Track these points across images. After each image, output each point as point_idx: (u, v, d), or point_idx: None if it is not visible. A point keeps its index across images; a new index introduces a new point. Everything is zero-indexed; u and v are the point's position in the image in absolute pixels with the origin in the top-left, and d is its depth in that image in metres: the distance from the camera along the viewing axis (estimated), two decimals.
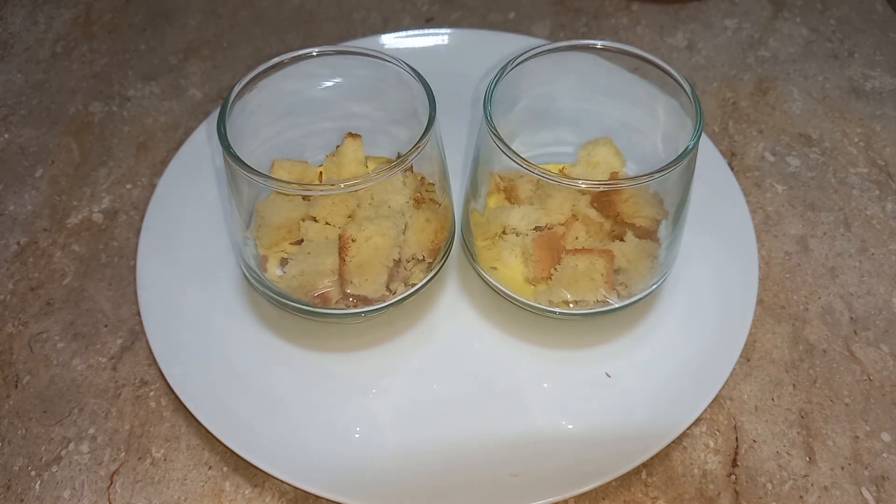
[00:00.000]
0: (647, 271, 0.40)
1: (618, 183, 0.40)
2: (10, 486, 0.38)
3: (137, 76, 0.60)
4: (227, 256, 0.46)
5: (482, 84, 0.55)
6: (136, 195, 0.51)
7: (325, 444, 0.38)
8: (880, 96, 0.58)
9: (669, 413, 0.39)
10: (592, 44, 0.42)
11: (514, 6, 0.65)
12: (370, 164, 0.44)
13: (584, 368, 0.42)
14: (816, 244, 0.48)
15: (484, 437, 0.39)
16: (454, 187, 0.45)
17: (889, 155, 0.54)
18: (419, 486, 0.37)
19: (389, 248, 0.38)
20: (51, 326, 0.45)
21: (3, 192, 0.52)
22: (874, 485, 0.38)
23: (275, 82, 0.42)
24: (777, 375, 0.42)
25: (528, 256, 0.40)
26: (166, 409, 0.41)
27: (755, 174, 0.52)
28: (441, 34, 0.59)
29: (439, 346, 0.43)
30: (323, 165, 0.44)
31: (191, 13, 0.66)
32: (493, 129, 0.38)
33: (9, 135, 0.56)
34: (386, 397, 0.41)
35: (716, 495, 0.38)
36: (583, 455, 0.38)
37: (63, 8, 0.66)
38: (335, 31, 0.64)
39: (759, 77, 0.59)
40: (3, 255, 0.48)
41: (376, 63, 0.42)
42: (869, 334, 0.44)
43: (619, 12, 0.64)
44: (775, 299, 0.45)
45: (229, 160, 0.37)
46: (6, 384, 0.42)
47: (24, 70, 0.61)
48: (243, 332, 0.43)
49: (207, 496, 0.38)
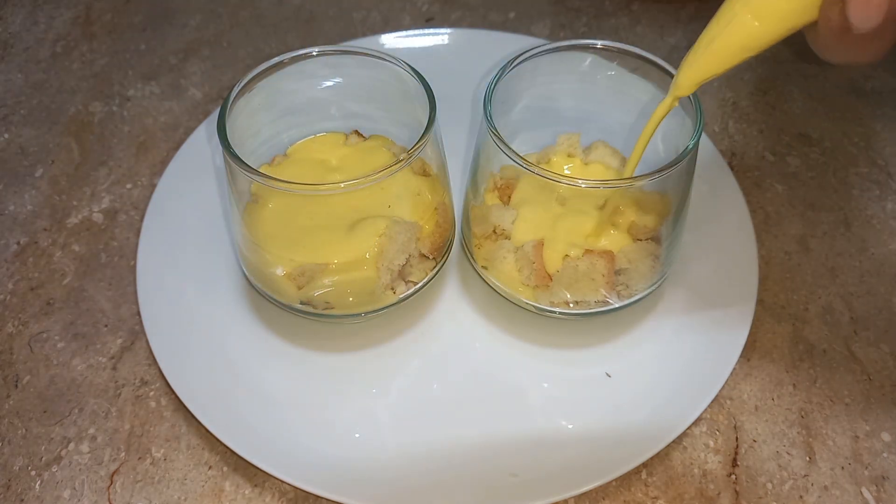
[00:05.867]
0: (649, 271, 0.40)
1: (618, 183, 0.40)
2: (10, 486, 0.38)
3: (137, 76, 0.60)
4: (227, 256, 0.46)
5: (482, 84, 0.55)
6: (136, 195, 0.51)
7: (325, 444, 0.38)
8: (880, 96, 0.58)
9: (669, 413, 0.39)
10: (592, 44, 0.42)
11: (514, 6, 0.65)
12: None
13: (584, 368, 0.42)
14: (816, 244, 0.48)
15: (484, 437, 0.39)
16: (454, 187, 0.45)
17: (889, 155, 0.54)
18: (419, 486, 0.37)
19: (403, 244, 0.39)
20: (51, 326, 0.45)
21: (3, 192, 0.52)
22: (874, 485, 0.38)
23: (275, 82, 0.42)
24: (777, 375, 0.42)
25: (523, 264, 0.40)
26: (166, 409, 0.41)
27: (755, 174, 0.52)
28: (441, 34, 0.59)
29: (439, 346, 0.43)
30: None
31: (191, 13, 0.66)
32: (493, 128, 0.38)
33: (9, 135, 0.56)
34: (386, 397, 0.41)
35: (716, 495, 0.38)
36: (583, 455, 0.38)
37: (63, 8, 0.66)
38: (335, 31, 0.64)
39: (759, 77, 0.59)
40: (3, 255, 0.48)
41: (376, 63, 0.42)
42: (869, 334, 0.44)
43: (619, 12, 0.64)
44: (775, 299, 0.45)
45: (229, 160, 0.37)
46: (6, 384, 0.42)
47: (24, 70, 0.61)
48: (243, 332, 0.43)
49: (207, 496, 0.38)
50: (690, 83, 0.34)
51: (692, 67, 0.33)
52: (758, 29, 0.29)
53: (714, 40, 0.31)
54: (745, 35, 0.30)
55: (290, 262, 0.39)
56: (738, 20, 0.30)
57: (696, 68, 0.33)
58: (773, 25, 0.29)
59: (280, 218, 0.40)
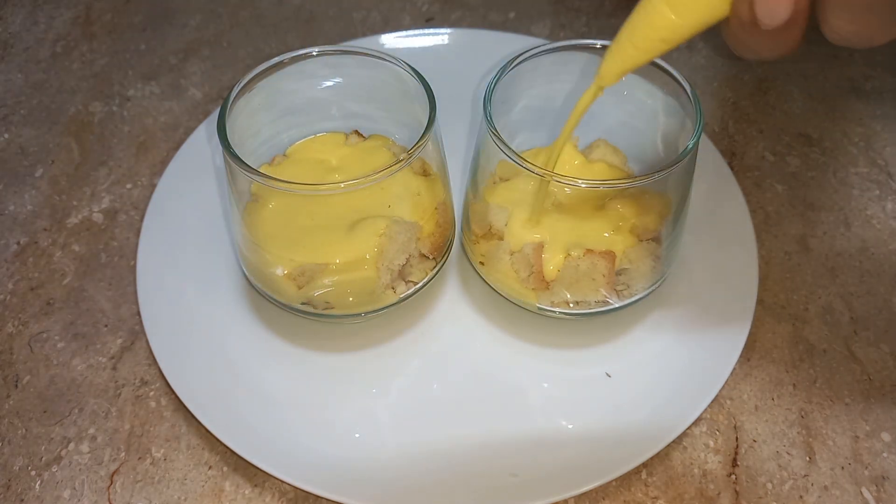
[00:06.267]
0: (649, 271, 0.40)
1: (618, 183, 0.40)
2: (10, 486, 0.38)
3: (137, 76, 0.60)
4: (227, 256, 0.46)
5: (482, 84, 0.55)
6: (136, 195, 0.51)
7: (325, 444, 0.38)
8: (880, 96, 0.58)
9: (669, 413, 0.39)
10: (592, 44, 0.42)
11: (514, 6, 0.65)
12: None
13: (584, 368, 0.42)
14: (816, 244, 0.48)
15: (484, 437, 0.39)
16: (454, 187, 0.45)
17: (889, 155, 0.54)
18: (419, 486, 0.37)
19: (403, 244, 0.39)
20: (51, 326, 0.45)
21: (3, 192, 0.52)
22: (874, 485, 0.38)
23: (275, 82, 0.42)
24: (777, 375, 0.42)
25: (522, 265, 0.40)
26: (166, 409, 0.41)
27: (755, 174, 0.52)
28: (441, 34, 0.59)
29: (439, 346, 0.43)
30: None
31: (191, 13, 0.66)
32: (492, 128, 0.38)
33: (9, 135, 0.56)
34: (386, 397, 0.41)
35: (716, 495, 0.38)
36: (583, 455, 0.38)
37: (63, 8, 0.66)
38: (335, 31, 0.63)
39: (759, 77, 0.59)
40: (3, 255, 0.48)
41: (376, 63, 0.42)
42: (869, 334, 0.44)
43: (619, 12, 0.64)
44: (775, 299, 0.45)
45: (229, 160, 0.37)
46: (6, 384, 0.42)
47: (24, 70, 0.61)
48: (243, 332, 0.43)
49: (207, 496, 0.38)
50: (614, 73, 0.34)
51: (615, 58, 0.33)
52: (674, 22, 0.30)
53: (634, 32, 0.32)
54: (663, 27, 0.31)
55: (290, 262, 0.39)
56: (656, 13, 0.30)
57: (618, 59, 0.33)
58: (689, 19, 0.30)
59: (280, 218, 0.40)
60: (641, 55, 0.32)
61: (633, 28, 0.32)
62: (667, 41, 0.31)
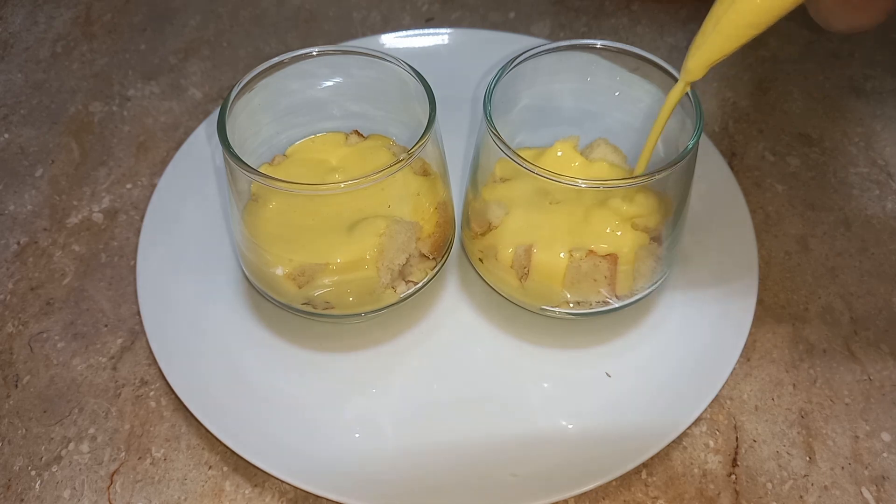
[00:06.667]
0: (650, 272, 0.40)
1: (618, 183, 0.40)
2: (10, 486, 0.38)
3: (137, 76, 0.60)
4: (227, 256, 0.46)
5: (482, 84, 0.55)
6: (136, 195, 0.51)
7: (325, 444, 0.38)
8: (880, 96, 0.58)
9: (669, 413, 0.39)
10: (592, 44, 0.42)
11: (514, 6, 0.65)
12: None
13: (584, 368, 0.42)
14: (816, 244, 0.48)
15: (484, 437, 0.39)
16: (454, 187, 0.45)
17: (889, 155, 0.54)
18: (419, 486, 0.37)
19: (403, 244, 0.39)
20: (51, 326, 0.45)
21: (3, 192, 0.52)
22: (874, 485, 0.38)
23: (275, 82, 0.42)
24: (777, 375, 0.42)
25: (521, 265, 0.40)
26: (166, 409, 0.41)
27: (755, 174, 0.52)
28: (441, 34, 0.59)
29: (439, 346, 0.43)
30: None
31: (191, 13, 0.66)
32: (492, 128, 0.38)
33: (9, 135, 0.56)
34: (386, 397, 0.41)
35: (716, 495, 0.38)
36: (583, 455, 0.38)
37: (63, 8, 0.66)
38: (335, 31, 0.64)
39: (759, 77, 0.59)
40: (3, 255, 0.48)
41: (376, 63, 0.42)
42: (869, 334, 0.44)
43: (619, 12, 0.64)
44: (775, 299, 0.45)
45: (229, 160, 0.37)
46: (6, 384, 0.42)
47: (24, 70, 0.61)
48: (243, 332, 0.43)
49: (207, 496, 0.38)
50: (700, 66, 0.34)
51: (701, 50, 0.33)
52: (762, 4, 0.30)
53: (720, 20, 0.31)
54: (750, 11, 0.30)
55: (290, 261, 0.39)
56: None
57: (705, 50, 0.33)
58: (776, 0, 0.29)
59: (280, 218, 0.40)
60: (729, 43, 0.32)
61: (719, 17, 0.31)
62: (755, 26, 0.31)
